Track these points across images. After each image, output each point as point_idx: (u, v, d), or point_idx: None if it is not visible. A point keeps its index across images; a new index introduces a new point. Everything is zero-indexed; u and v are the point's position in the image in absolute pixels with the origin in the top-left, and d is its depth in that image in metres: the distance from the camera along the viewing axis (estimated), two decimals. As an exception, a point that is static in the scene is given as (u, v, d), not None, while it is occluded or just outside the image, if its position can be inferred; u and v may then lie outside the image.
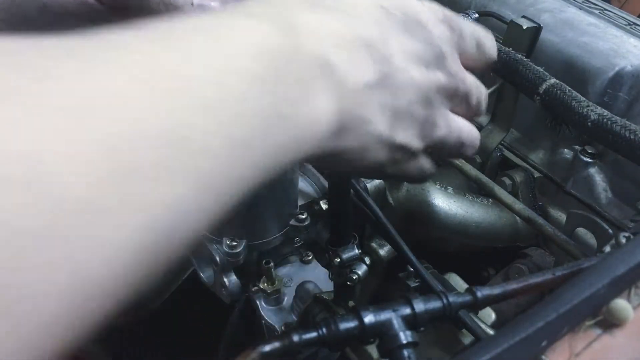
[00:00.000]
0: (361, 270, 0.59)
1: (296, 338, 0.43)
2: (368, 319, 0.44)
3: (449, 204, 0.85)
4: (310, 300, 0.61)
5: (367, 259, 0.71)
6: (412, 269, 0.63)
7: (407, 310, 0.45)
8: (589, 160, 0.84)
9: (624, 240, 0.59)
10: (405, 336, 0.44)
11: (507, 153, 0.94)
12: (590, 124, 0.66)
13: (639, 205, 0.74)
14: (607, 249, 0.62)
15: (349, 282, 0.59)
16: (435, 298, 0.47)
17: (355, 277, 0.59)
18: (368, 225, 0.76)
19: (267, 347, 0.43)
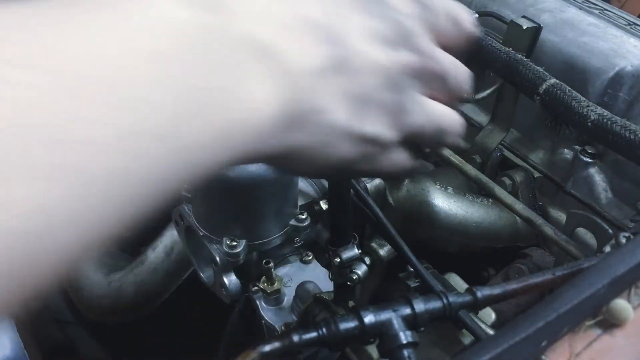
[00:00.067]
0: (361, 270, 0.59)
1: (296, 338, 0.44)
2: (368, 319, 0.44)
3: (449, 204, 0.85)
4: (310, 300, 0.61)
5: (367, 259, 0.72)
6: (412, 269, 0.63)
7: (407, 310, 0.45)
8: (589, 160, 0.84)
9: (624, 240, 0.59)
10: (405, 336, 0.44)
11: (507, 153, 0.94)
12: (590, 124, 0.66)
13: (639, 205, 0.74)
14: (607, 249, 0.62)
15: (349, 282, 0.59)
16: (435, 298, 0.47)
17: (355, 277, 0.59)
18: (368, 225, 0.76)
19: (267, 347, 0.43)
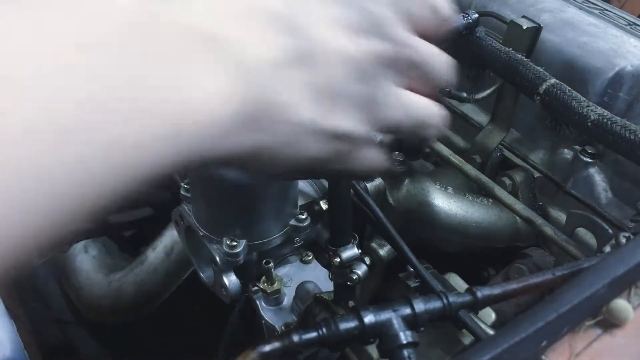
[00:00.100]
0: (361, 270, 0.59)
1: (296, 338, 0.44)
2: (368, 319, 0.44)
3: (449, 204, 0.85)
4: (310, 300, 0.61)
5: (367, 259, 0.72)
6: (412, 269, 0.63)
7: (407, 310, 0.45)
8: (589, 160, 0.84)
9: (624, 240, 0.59)
10: (405, 336, 0.44)
11: (507, 153, 0.94)
12: (590, 124, 0.66)
13: (639, 205, 0.74)
14: (607, 249, 0.62)
15: (349, 282, 0.59)
16: (435, 298, 0.47)
17: (355, 277, 0.59)
18: (368, 225, 0.76)
19: (267, 347, 0.43)
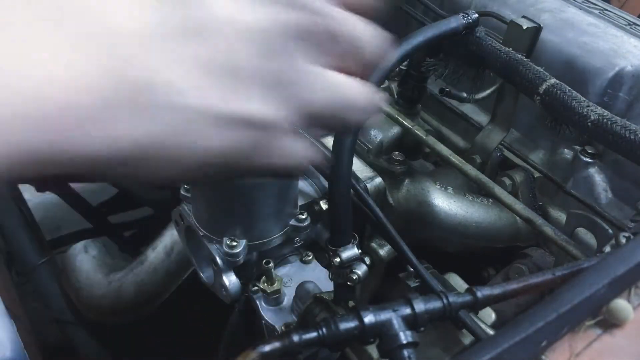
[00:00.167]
0: (361, 270, 0.59)
1: (296, 338, 0.44)
2: (368, 319, 0.44)
3: (449, 204, 0.85)
4: (310, 300, 0.61)
5: (367, 259, 0.71)
6: (412, 269, 0.63)
7: (407, 311, 0.45)
8: (589, 160, 0.84)
9: (624, 240, 0.59)
10: (405, 336, 0.44)
11: (507, 153, 0.94)
12: (590, 124, 0.66)
13: (639, 205, 0.74)
14: (607, 249, 0.62)
15: (349, 282, 0.59)
16: (435, 298, 0.47)
17: (355, 277, 0.59)
18: (368, 225, 0.76)
19: (267, 347, 0.43)
